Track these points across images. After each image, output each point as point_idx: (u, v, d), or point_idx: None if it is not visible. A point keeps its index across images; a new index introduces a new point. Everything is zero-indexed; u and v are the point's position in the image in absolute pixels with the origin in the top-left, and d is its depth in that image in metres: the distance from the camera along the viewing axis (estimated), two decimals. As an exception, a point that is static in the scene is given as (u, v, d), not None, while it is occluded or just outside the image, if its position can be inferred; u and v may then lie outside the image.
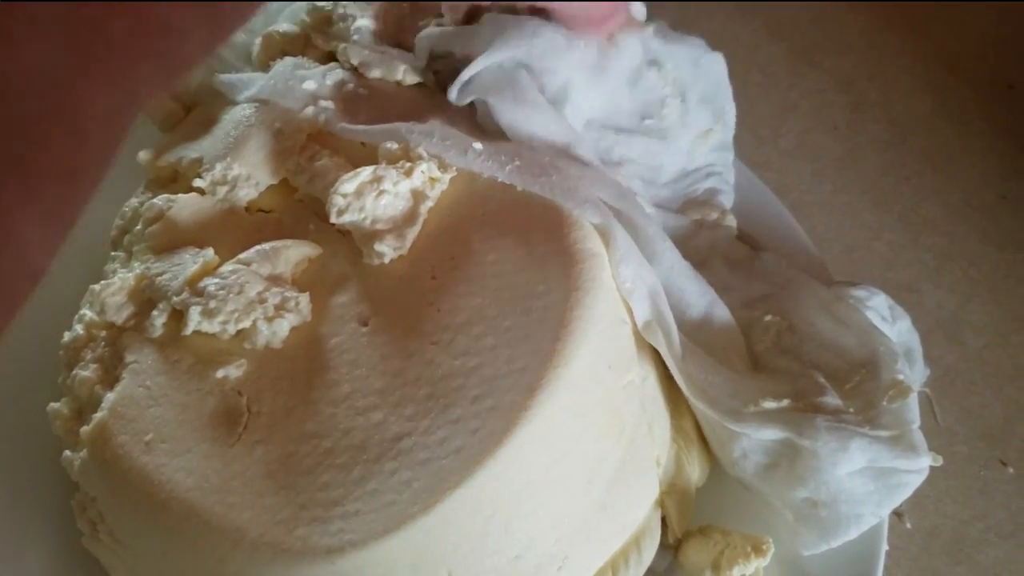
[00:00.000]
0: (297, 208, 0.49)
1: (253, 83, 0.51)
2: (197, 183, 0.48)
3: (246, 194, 0.49)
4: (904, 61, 0.76)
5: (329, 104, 0.50)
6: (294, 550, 0.38)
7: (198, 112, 0.54)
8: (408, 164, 0.46)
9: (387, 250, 0.44)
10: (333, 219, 0.45)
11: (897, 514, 0.55)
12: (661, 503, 0.47)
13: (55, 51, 0.25)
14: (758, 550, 0.46)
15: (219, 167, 0.48)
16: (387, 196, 0.45)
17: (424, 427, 0.40)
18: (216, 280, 0.44)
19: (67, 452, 0.44)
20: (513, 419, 0.39)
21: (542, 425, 0.39)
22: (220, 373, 0.42)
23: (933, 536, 0.54)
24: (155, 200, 0.48)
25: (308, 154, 0.49)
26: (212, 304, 0.43)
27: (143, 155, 0.51)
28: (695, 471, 0.49)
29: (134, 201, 0.51)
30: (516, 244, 0.45)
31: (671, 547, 0.48)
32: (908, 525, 0.55)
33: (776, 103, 0.73)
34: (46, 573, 0.46)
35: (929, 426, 0.57)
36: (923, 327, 0.61)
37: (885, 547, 0.46)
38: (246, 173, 0.49)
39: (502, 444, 0.39)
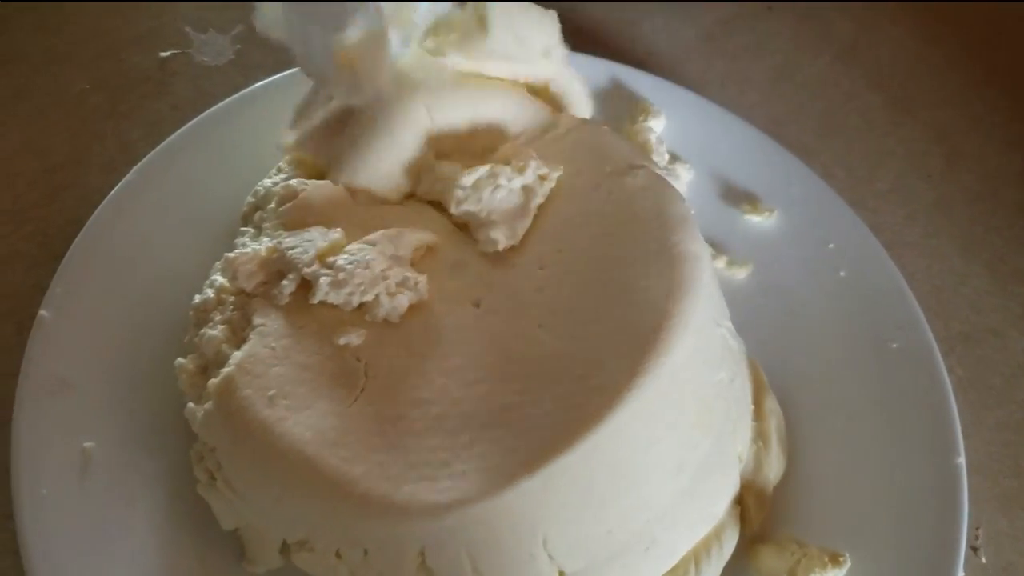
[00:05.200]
0: (416, 203, 0.53)
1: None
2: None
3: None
4: (999, 118, 0.79)
5: None
6: (401, 504, 0.41)
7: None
8: (521, 163, 0.50)
9: (501, 237, 0.49)
10: (453, 209, 0.49)
11: (973, 548, 0.56)
12: (740, 498, 0.50)
13: None
14: (835, 561, 0.48)
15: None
16: (502, 191, 0.50)
17: (530, 400, 0.43)
18: (345, 256, 0.47)
19: (190, 404, 0.48)
20: (616, 398, 0.42)
21: (642, 407, 0.43)
22: (342, 340, 0.46)
23: (1009, 573, 0.55)
24: (291, 181, 0.53)
25: (430, 165, 0.53)
26: (341, 276, 0.47)
27: (285, 140, 0.55)
28: (772, 471, 0.52)
29: (267, 182, 0.55)
30: (621, 242, 0.48)
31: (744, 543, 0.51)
32: (983, 560, 0.56)
33: (873, 147, 0.75)
34: (160, 516, 0.49)
35: (1009, 466, 0.59)
36: (1007, 371, 0.63)
37: (961, 574, 0.48)
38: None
39: (603, 420, 0.42)
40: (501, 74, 0.57)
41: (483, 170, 0.50)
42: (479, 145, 0.54)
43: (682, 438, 0.45)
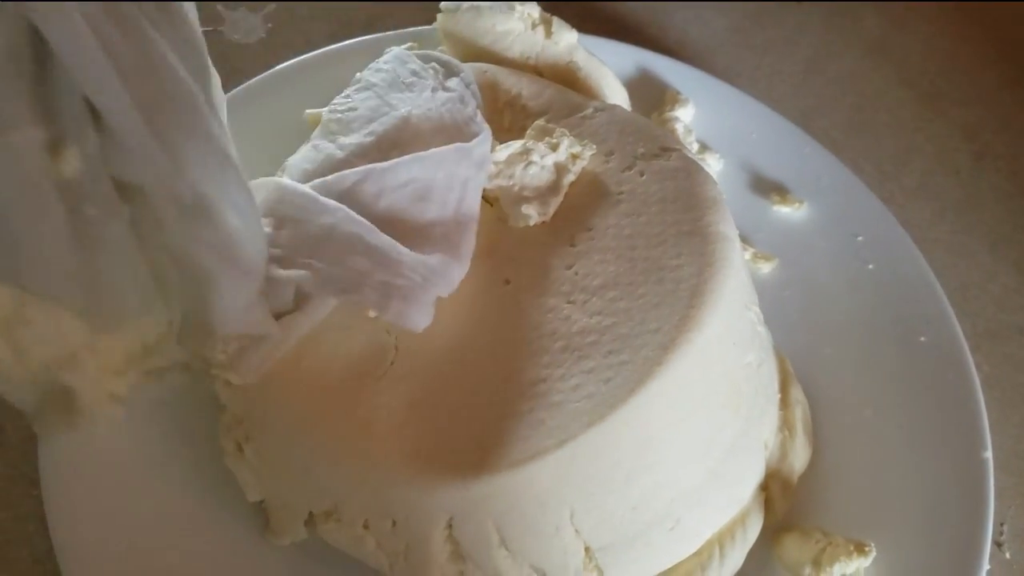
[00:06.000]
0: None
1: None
2: None
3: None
4: (1031, 118, 0.79)
5: None
6: (430, 474, 0.42)
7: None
8: (554, 140, 0.50)
9: (533, 213, 0.49)
10: (486, 183, 0.50)
11: (997, 544, 0.56)
12: (766, 485, 0.50)
13: None
14: (860, 551, 0.49)
15: None
16: (534, 167, 0.50)
17: (559, 375, 0.44)
18: (377, 229, 0.48)
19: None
20: (646, 373, 0.43)
21: (672, 383, 0.43)
22: (373, 313, 0.46)
23: (1033, 569, 0.56)
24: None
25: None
26: (372, 252, 0.47)
27: (309, 112, 0.57)
28: (797, 460, 0.52)
29: (296, 159, 0.55)
30: (651, 221, 0.49)
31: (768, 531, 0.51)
32: (1007, 556, 0.56)
33: (901, 144, 0.76)
34: (185, 486, 0.50)
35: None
36: (1034, 369, 0.63)
37: (987, 566, 0.48)
38: None
39: (634, 394, 0.42)
40: (513, 57, 0.58)
41: (516, 145, 0.50)
42: (507, 120, 0.55)
43: (710, 418, 0.46)
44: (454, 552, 0.44)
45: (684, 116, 0.67)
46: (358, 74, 0.55)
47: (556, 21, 0.59)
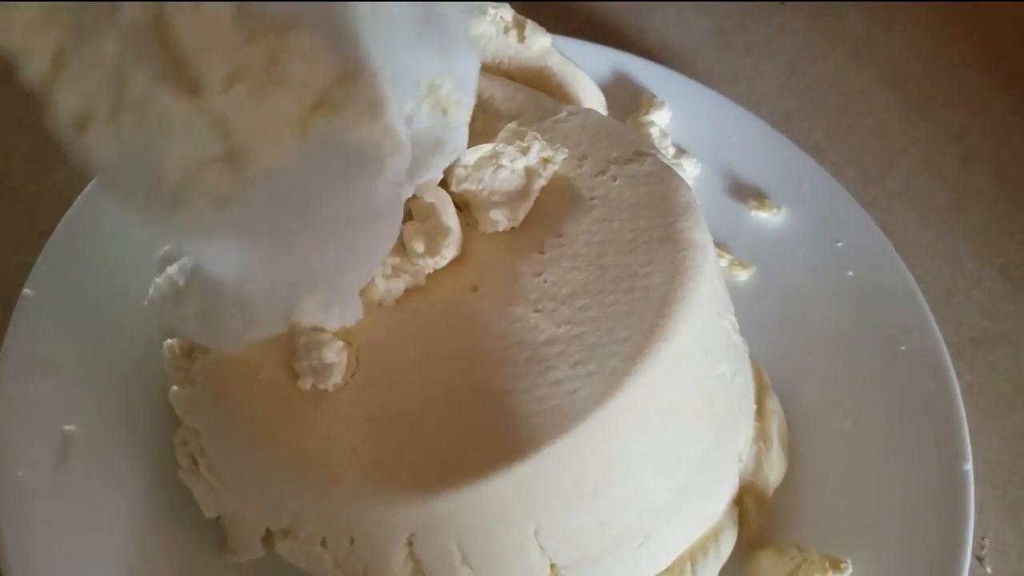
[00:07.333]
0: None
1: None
2: None
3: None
4: (1017, 120, 0.78)
5: None
6: (391, 490, 0.41)
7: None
8: (524, 144, 0.50)
9: (502, 218, 0.48)
10: (453, 187, 0.49)
11: (978, 558, 0.55)
12: (739, 500, 0.49)
13: None
14: (836, 567, 0.48)
15: None
16: (504, 171, 0.49)
17: (525, 386, 0.43)
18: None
19: (175, 387, 0.47)
20: (613, 384, 0.42)
21: (640, 394, 0.42)
22: (333, 322, 0.45)
23: (1014, 583, 0.55)
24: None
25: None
26: (335, 258, 0.46)
27: None
28: (773, 473, 0.51)
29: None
30: (623, 228, 0.48)
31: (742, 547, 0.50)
32: (988, 571, 0.55)
33: (886, 147, 0.75)
34: (140, 503, 0.49)
35: (1018, 475, 0.58)
36: (1019, 378, 0.63)
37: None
38: None
39: (600, 405, 0.41)
40: (484, 62, 0.58)
41: (485, 148, 0.49)
42: (478, 124, 0.54)
43: (681, 430, 0.45)
44: (415, 570, 0.43)
45: (660, 120, 0.67)
46: None
47: (530, 25, 0.58)
